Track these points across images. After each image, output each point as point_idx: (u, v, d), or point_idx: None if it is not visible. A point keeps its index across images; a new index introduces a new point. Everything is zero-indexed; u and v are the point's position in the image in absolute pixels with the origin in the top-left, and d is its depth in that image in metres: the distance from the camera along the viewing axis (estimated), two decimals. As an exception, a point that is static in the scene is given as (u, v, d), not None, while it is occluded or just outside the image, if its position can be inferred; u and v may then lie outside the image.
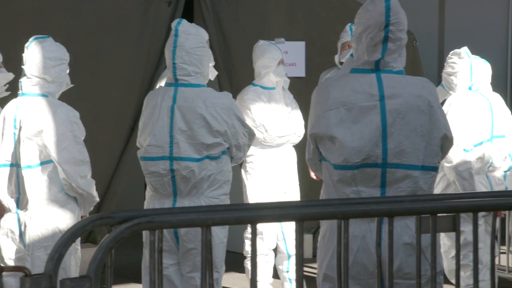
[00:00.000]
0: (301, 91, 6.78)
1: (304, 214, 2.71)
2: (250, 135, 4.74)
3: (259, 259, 6.06)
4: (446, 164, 5.21)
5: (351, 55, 3.65)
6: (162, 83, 5.39)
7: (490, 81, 5.50)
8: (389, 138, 3.38)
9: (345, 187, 3.42)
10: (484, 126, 5.33)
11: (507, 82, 9.39)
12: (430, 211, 2.81)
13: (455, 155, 5.18)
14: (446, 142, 3.50)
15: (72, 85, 4.71)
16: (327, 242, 3.49)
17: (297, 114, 6.18)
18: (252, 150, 5.95)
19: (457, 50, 5.52)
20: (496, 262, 6.45)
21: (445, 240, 5.50)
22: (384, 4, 3.42)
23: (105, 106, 6.51)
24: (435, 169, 3.45)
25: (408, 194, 3.35)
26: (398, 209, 2.85)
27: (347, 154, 3.37)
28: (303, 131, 6.07)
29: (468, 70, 5.45)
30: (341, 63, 6.03)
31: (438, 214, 2.83)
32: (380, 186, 3.41)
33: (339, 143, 3.38)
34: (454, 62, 5.49)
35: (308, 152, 3.56)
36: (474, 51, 5.57)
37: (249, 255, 5.95)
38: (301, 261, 2.68)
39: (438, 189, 5.47)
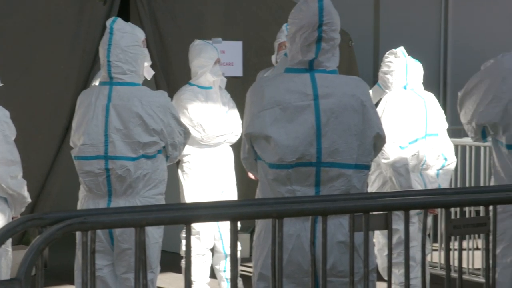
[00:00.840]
0: (238, 90, 6.80)
1: (238, 213, 2.72)
2: (186, 134, 4.73)
3: (196, 259, 6.05)
4: (384, 161, 5.29)
5: (285, 54, 3.67)
6: (97, 82, 5.34)
7: (422, 81, 5.61)
8: (323, 137, 3.42)
9: (280, 186, 3.44)
10: (418, 124, 5.43)
11: (440, 82, 9.56)
12: (363, 209, 2.84)
13: (392, 152, 5.26)
14: (378, 141, 3.55)
15: (2, 84, 4.62)
16: (262, 241, 3.51)
17: (235, 113, 6.20)
18: (189, 149, 5.94)
19: (393, 50, 5.61)
20: (429, 259, 6.57)
21: (380, 238, 5.58)
22: (317, 4, 3.45)
23: (39, 106, 6.42)
24: (367, 167, 3.50)
25: (342, 193, 3.39)
26: (332, 208, 2.87)
27: (282, 153, 3.40)
28: (240, 130, 6.08)
29: (404, 69, 5.54)
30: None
31: (371, 212, 2.86)
32: (315, 185, 3.44)
33: (274, 143, 3.40)
34: (390, 61, 5.57)
35: (243, 152, 3.58)
36: (409, 51, 5.66)
37: (186, 255, 5.93)
38: (235, 261, 2.68)
39: (374, 187, 5.54)
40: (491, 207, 2.95)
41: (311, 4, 3.47)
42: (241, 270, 6.64)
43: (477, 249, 6.99)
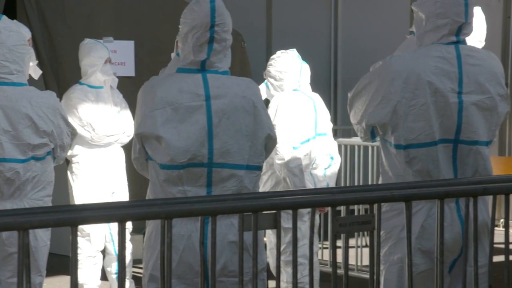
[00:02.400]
0: (131, 90, 6.72)
1: (126, 214, 2.69)
2: (73, 134, 4.67)
3: (86, 261, 5.97)
4: (278, 161, 5.35)
5: (177, 54, 3.66)
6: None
7: (309, 81, 5.70)
8: (215, 138, 3.43)
9: (172, 187, 3.43)
10: (309, 125, 5.52)
11: (331, 82, 9.73)
12: (252, 209, 2.86)
13: (286, 152, 5.33)
14: (270, 141, 3.59)
15: None
16: (153, 243, 3.49)
17: (127, 113, 6.14)
18: (78, 149, 5.86)
19: (286, 51, 5.67)
20: (319, 257, 6.68)
21: (272, 238, 5.64)
22: (209, 4, 3.46)
23: None
24: (259, 168, 3.54)
25: (233, 193, 3.41)
26: (221, 208, 2.88)
27: (173, 153, 3.39)
28: (132, 131, 6.02)
29: (298, 71, 5.61)
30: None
31: (261, 212, 2.89)
32: (206, 185, 3.45)
33: (166, 143, 3.39)
34: (284, 62, 5.62)
35: (134, 152, 3.55)
36: (300, 51, 5.73)
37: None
38: (123, 262, 2.65)
39: (266, 187, 5.60)
40: (376, 205, 3.02)
41: (203, 4, 3.47)
42: (134, 272, 6.59)
43: (366, 246, 7.15)
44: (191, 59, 3.49)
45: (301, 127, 5.47)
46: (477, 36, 4.98)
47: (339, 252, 6.76)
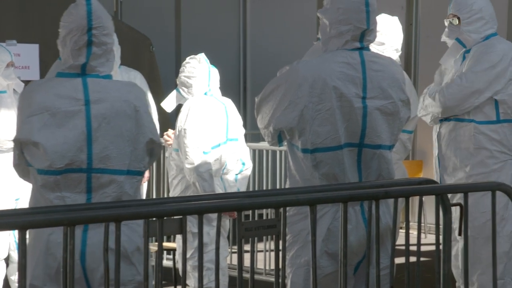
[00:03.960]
0: (35, 94, 6.59)
1: (27, 222, 2.63)
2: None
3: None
4: (188, 166, 5.33)
5: (59, 58, 3.58)
6: None
7: (219, 85, 5.70)
8: (94, 143, 3.35)
9: (49, 193, 3.34)
10: (220, 129, 5.53)
11: (240, 86, 9.77)
12: (157, 215, 2.84)
13: (195, 157, 5.32)
14: (154, 146, 3.51)
15: None
16: (32, 251, 3.36)
17: (33, 118, 6.01)
18: (-21, 155, 5.71)
19: (195, 56, 5.65)
20: (229, 261, 6.68)
21: (181, 243, 5.60)
22: (86, 7, 3.40)
23: None
24: (140, 173, 3.46)
25: (114, 199, 3.32)
26: (126, 214, 2.85)
27: (50, 159, 3.31)
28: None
29: (207, 75, 5.60)
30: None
31: (166, 217, 2.87)
32: (86, 191, 3.36)
33: (43, 149, 3.31)
34: (193, 67, 5.60)
35: (14, 158, 3.47)
36: (210, 56, 5.73)
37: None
38: (23, 271, 2.59)
39: (176, 192, 5.57)
40: (281, 209, 3.04)
41: (80, 7, 3.41)
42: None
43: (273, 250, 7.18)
44: (70, 63, 3.43)
45: (212, 132, 5.47)
46: (394, 45, 5.09)
47: (249, 256, 6.77)
